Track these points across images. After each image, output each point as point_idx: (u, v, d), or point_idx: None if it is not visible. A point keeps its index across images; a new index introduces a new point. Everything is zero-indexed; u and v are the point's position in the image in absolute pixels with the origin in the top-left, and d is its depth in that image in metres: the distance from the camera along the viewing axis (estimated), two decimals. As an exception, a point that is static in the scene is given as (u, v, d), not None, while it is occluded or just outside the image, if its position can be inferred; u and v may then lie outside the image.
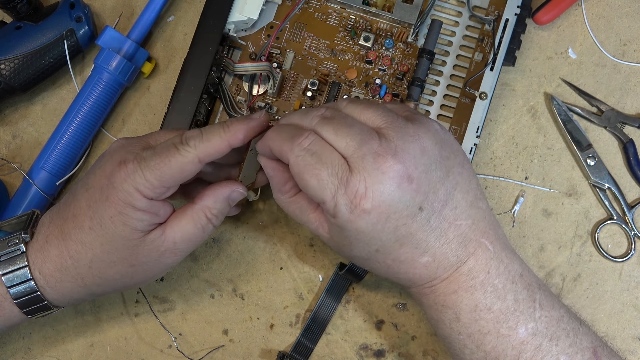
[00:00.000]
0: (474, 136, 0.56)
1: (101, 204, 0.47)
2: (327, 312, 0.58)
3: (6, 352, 0.59)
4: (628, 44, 0.61)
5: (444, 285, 0.47)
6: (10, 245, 0.49)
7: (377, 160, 0.43)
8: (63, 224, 0.49)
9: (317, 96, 0.60)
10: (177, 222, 0.49)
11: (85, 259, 0.48)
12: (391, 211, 0.44)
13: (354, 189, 0.43)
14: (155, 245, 0.48)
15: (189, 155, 0.46)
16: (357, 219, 0.44)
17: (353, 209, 0.43)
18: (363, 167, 0.43)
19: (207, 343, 0.59)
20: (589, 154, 0.59)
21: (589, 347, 0.48)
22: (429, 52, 0.58)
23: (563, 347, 0.47)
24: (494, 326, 0.47)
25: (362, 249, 0.46)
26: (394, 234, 0.45)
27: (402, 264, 0.47)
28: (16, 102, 0.64)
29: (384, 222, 0.44)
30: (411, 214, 0.45)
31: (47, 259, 0.49)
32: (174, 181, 0.47)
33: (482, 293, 0.47)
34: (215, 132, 0.48)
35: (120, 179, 0.46)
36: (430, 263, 0.46)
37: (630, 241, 0.59)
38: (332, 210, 0.44)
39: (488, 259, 0.47)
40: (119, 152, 0.48)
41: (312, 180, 0.44)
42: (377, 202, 0.43)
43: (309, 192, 0.45)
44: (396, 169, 0.43)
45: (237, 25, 0.59)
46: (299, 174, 0.44)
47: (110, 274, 0.49)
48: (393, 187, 0.43)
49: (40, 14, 0.61)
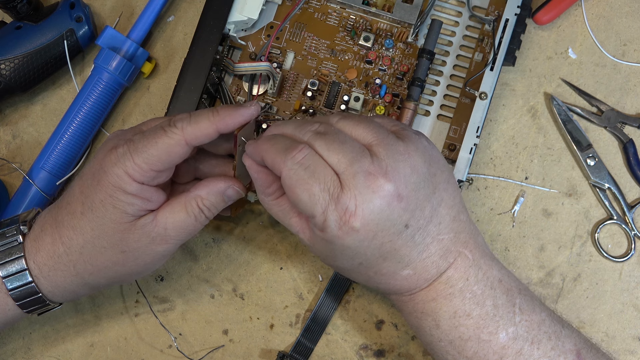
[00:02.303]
0: (474, 136, 0.56)
1: (92, 189, 0.47)
2: (327, 312, 0.58)
3: (6, 352, 0.59)
4: (628, 44, 0.61)
5: (423, 294, 0.48)
6: (8, 236, 0.50)
7: (368, 178, 0.44)
8: (57, 212, 0.50)
9: (317, 96, 0.60)
10: (170, 209, 0.49)
11: (77, 244, 0.48)
12: (379, 229, 0.44)
13: (345, 206, 0.43)
14: (146, 230, 0.48)
15: (175, 136, 0.47)
16: (345, 236, 0.44)
17: (342, 225, 0.44)
18: (354, 185, 0.43)
19: (207, 343, 0.59)
20: (589, 154, 0.59)
21: (572, 349, 0.48)
22: (429, 52, 0.58)
23: (545, 351, 0.47)
24: (474, 332, 0.47)
25: (346, 262, 0.47)
26: (378, 250, 0.45)
27: (383, 277, 0.47)
28: (16, 102, 0.64)
29: (370, 239, 0.45)
30: (397, 231, 0.45)
31: (40, 247, 0.49)
32: (162, 164, 0.47)
33: (461, 300, 0.47)
34: (203, 115, 0.48)
35: (111, 163, 0.47)
36: (411, 276, 0.47)
37: (630, 241, 0.59)
38: (320, 224, 0.44)
39: (467, 267, 0.48)
40: (112, 140, 0.49)
41: (304, 195, 0.44)
42: (367, 220, 0.44)
43: (299, 206, 0.45)
44: (386, 189, 0.44)
45: (237, 25, 0.59)
46: (290, 187, 0.44)
47: (101, 260, 0.49)
48: (383, 206, 0.44)
49: (40, 14, 0.61)
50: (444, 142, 0.59)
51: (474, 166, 0.60)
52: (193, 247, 0.60)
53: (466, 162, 0.56)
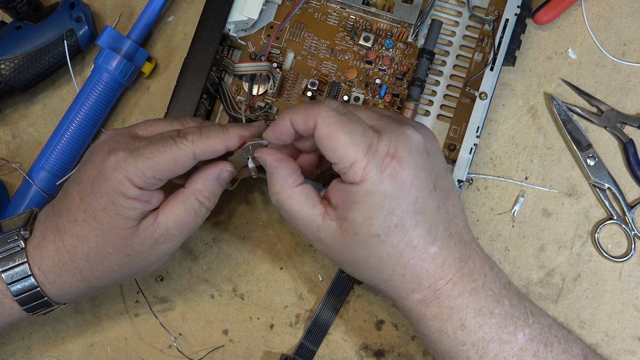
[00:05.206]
0: (474, 136, 0.56)
1: (93, 196, 0.47)
2: (329, 315, 0.58)
3: (6, 352, 0.59)
4: (628, 44, 0.61)
5: (449, 288, 0.47)
6: (10, 242, 0.49)
7: (401, 127, 0.45)
8: (58, 219, 0.49)
9: (317, 96, 0.60)
10: (169, 208, 0.49)
11: (82, 252, 0.48)
12: (416, 176, 0.45)
13: (385, 148, 0.44)
14: (149, 232, 0.48)
15: (185, 149, 0.47)
16: (386, 179, 0.44)
17: (384, 168, 0.44)
18: (391, 129, 0.45)
19: (207, 343, 0.59)
20: (589, 154, 0.59)
21: (580, 354, 0.48)
22: (429, 52, 0.58)
23: (557, 354, 0.47)
24: (497, 332, 0.47)
25: (382, 223, 0.45)
26: (414, 205, 0.45)
27: (414, 250, 0.45)
28: (16, 102, 0.64)
29: (409, 187, 0.44)
30: (429, 187, 0.45)
31: (44, 255, 0.49)
32: (167, 173, 0.47)
33: (484, 296, 0.47)
34: (214, 132, 0.48)
35: (111, 168, 0.46)
36: (438, 255, 0.46)
37: (630, 241, 0.59)
38: (361, 171, 0.43)
39: (482, 263, 0.48)
40: (108, 143, 0.48)
41: (345, 137, 0.44)
42: (406, 163, 0.44)
43: (338, 152, 0.44)
44: (417, 137, 0.45)
45: (237, 25, 0.59)
46: (329, 132, 0.44)
47: (107, 266, 0.49)
48: (418, 152, 0.45)
49: (40, 14, 0.61)
50: (444, 142, 0.59)
51: (474, 166, 0.60)
52: (193, 247, 0.60)
53: (466, 162, 0.56)
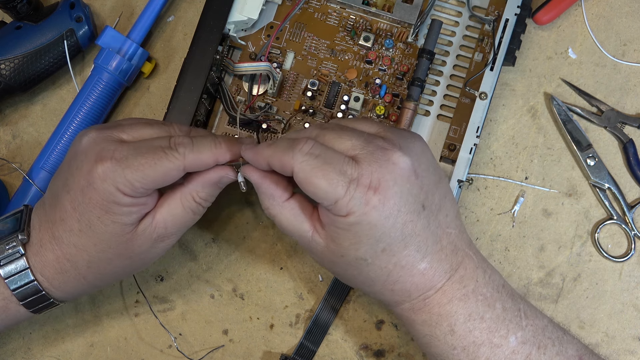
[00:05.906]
0: (474, 136, 0.56)
1: (85, 207, 0.47)
2: (328, 315, 0.58)
3: (6, 352, 0.59)
4: (628, 44, 0.61)
5: (438, 296, 0.47)
6: (9, 248, 0.49)
7: (385, 153, 0.44)
8: (52, 227, 0.48)
9: (317, 96, 0.60)
10: (167, 207, 0.48)
11: (83, 260, 0.48)
12: (402, 203, 0.44)
13: (367, 181, 0.43)
14: (148, 233, 0.48)
15: (176, 162, 0.46)
16: (371, 211, 0.44)
17: (368, 201, 0.43)
18: (374, 159, 0.44)
19: (207, 343, 0.59)
20: (589, 154, 0.59)
21: (575, 355, 0.48)
22: (429, 52, 0.58)
23: (550, 356, 0.47)
24: (487, 336, 0.47)
25: (369, 249, 0.45)
26: (401, 231, 0.45)
27: (402, 269, 0.47)
28: (16, 102, 0.64)
29: (395, 215, 0.44)
30: (417, 210, 0.45)
31: (46, 263, 0.49)
32: (155, 184, 0.46)
33: (474, 302, 0.47)
34: (206, 145, 0.47)
35: (100, 179, 0.45)
36: (427, 270, 0.47)
37: (630, 241, 0.59)
38: (345, 207, 0.44)
39: (474, 268, 0.48)
40: (94, 149, 0.47)
41: (322, 182, 0.43)
42: (391, 192, 0.44)
43: (319, 195, 0.44)
44: (404, 161, 0.45)
45: (237, 25, 0.59)
46: (305, 179, 0.44)
47: (109, 269, 0.50)
48: (404, 178, 0.44)
49: (40, 14, 0.61)
50: (444, 142, 0.59)
51: (474, 166, 0.60)
52: (193, 247, 0.60)
53: (466, 162, 0.56)
